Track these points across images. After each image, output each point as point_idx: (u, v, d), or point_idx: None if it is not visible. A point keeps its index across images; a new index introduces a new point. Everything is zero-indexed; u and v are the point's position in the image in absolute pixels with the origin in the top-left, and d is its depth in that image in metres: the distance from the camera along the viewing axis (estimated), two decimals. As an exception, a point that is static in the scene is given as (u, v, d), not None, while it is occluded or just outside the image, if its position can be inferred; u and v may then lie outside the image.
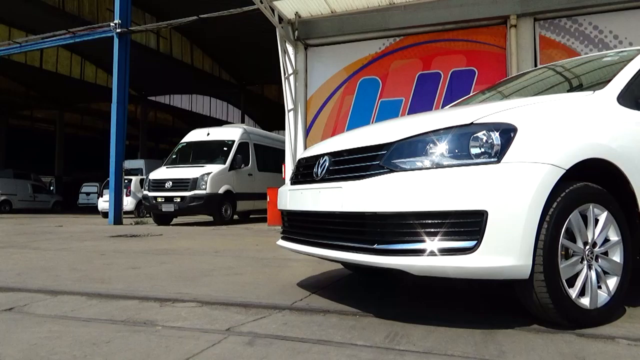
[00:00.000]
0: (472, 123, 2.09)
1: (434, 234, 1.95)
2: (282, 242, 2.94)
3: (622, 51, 3.10)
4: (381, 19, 8.85)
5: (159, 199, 10.69)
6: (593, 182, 2.15)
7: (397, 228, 2.05)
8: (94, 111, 31.84)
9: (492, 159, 1.98)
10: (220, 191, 10.86)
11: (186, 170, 11.05)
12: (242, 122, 31.82)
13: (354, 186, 2.20)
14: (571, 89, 3.03)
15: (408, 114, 8.59)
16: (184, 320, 2.28)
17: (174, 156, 12.37)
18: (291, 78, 9.39)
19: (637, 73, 2.56)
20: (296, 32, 9.32)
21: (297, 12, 9.16)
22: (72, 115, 32.66)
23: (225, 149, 11.76)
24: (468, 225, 1.92)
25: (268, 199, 9.98)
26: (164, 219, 11.13)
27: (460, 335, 1.95)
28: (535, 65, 7.73)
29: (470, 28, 8.42)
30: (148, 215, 13.19)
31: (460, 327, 2.07)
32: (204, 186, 10.53)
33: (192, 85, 29.56)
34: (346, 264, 3.36)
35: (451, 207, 1.93)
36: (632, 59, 2.68)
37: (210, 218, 11.20)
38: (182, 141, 12.77)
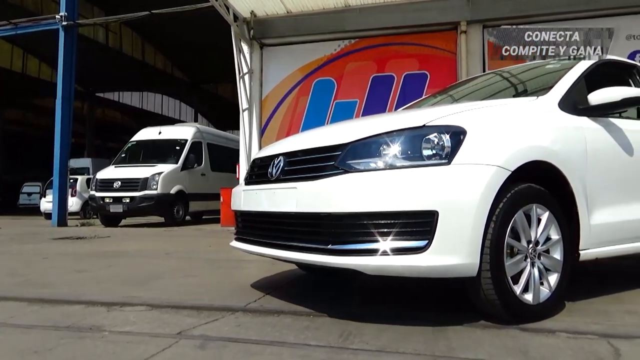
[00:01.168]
0: (424, 125, 2.14)
1: (387, 234, 1.98)
2: (235, 243, 2.90)
3: (563, 59, 3.27)
4: (337, 21, 8.91)
5: (107, 200, 10.30)
6: (536, 183, 2.25)
7: (351, 228, 2.07)
8: (38, 107, 30.23)
9: (443, 161, 2.03)
10: (172, 191, 10.59)
11: (136, 170, 10.70)
12: (196, 121, 31.16)
13: (308, 187, 2.21)
14: (517, 94, 3.17)
15: (362, 115, 8.69)
16: (133, 324, 2.21)
17: (123, 155, 11.95)
18: (246, 77, 9.29)
19: (576, 80, 2.71)
20: (251, 31, 9.22)
21: (252, 11, 9.07)
22: (14, 112, 30.90)
23: (177, 148, 11.48)
24: (419, 225, 1.96)
25: (221, 200, 9.83)
26: (112, 221, 10.73)
27: (412, 333, 1.99)
28: (484, 71, 8.02)
29: (423, 33, 8.63)
30: (95, 216, 12.67)
31: (412, 324, 2.11)
32: (155, 186, 10.24)
33: (143, 82, 28.65)
34: (300, 265, 3.36)
35: (403, 207, 1.97)
36: (572, 67, 2.83)
37: (161, 219, 10.90)
38: (132, 140, 12.36)
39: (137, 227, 10.12)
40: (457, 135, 2.08)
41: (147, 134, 12.26)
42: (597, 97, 2.61)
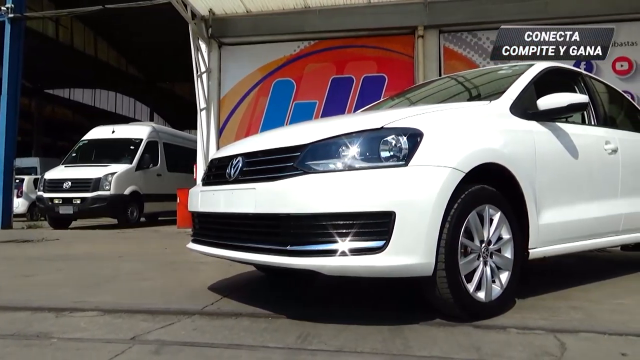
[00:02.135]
0: (382, 127, 2.18)
1: (346, 235, 2.00)
2: (192, 245, 2.84)
3: (514, 65, 3.40)
4: (297, 22, 8.92)
5: (56, 201, 9.86)
6: (489, 184, 2.33)
7: (310, 229, 2.07)
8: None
9: (400, 162, 2.07)
10: (126, 192, 10.27)
11: (88, 170, 10.30)
12: (151, 120, 30.38)
13: (268, 187, 2.19)
14: (471, 98, 3.27)
15: (322, 116, 8.74)
16: (84, 331, 2.12)
17: (74, 154, 11.48)
18: (204, 76, 9.14)
19: (526, 86, 2.82)
20: (210, 30, 9.09)
21: (211, 9, 8.95)
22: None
23: (132, 147, 11.14)
24: (377, 226, 1.99)
25: (178, 201, 9.62)
26: (61, 223, 10.27)
27: (370, 332, 2.01)
28: (440, 75, 8.24)
29: (381, 36, 8.78)
30: (43, 218, 12.11)
31: (370, 324, 2.14)
32: (107, 187, 9.89)
33: (96, 79, 27.64)
34: (259, 266, 3.33)
35: (362, 208, 1.99)
36: (522, 73, 2.95)
37: (114, 221, 10.55)
38: (83, 138, 11.88)
39: (89, 230, 9.74)
40: (414, 137, 2.13)
41: (100, 132, 11.83)
42: (545, 102, 2.73)
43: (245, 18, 9.08)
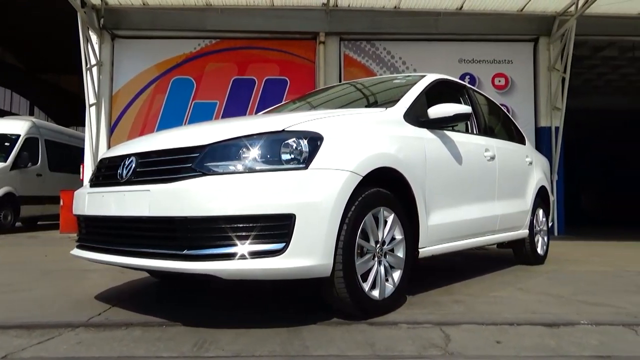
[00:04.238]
0: (283, 130, 2.18)
1: (245, 238, 1.97)
2: (77, 252, 2.62)
3: (408, 75, 3.61)
4: (198, 19, 8.66)
5: None
6: (384, 187, 2.45)
7: (208, 232, 2.01)
8: None
9: (301, 165, 2.09)
10: (-1, 194, 9.18)
11: (-49, 169, 9.06)
12: (31, 114, 27.51)
13: (163, 189, 2.09)
14: (369, 105, 3.41)
15: (222, 117, 8.57)
16: (-59, 352, 1.85)
17: None
18: (94, 70, 8.50)
19: (418, 96, 3.02)
20: (102, 20, 8.48)
21: (103, -2, 8.35)
22: None
23: (7, 144, 9.98)
24: (277, 229, 1.99)
25: (62, 203, 8.81)
26: None
27: (269, 335, 2.01)
28: (340, 81, 8.51)
29: (284, 39, 8.84)
30: None
31: (269, 327, 2.13)
32: (-24, 188, 8.77)
33: (-37, 65, 24.45)
34: (153, 272, 3.17)
35: (262, 210, 1.98)
36: (415, 84, 3.15)
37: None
38: (-54, 133, 10.42)
39: (-49, 236, 8.56)
40: (315, 140, 2.17)
41: (-32, 127, 10.46)
42: (435, 111, 2.94)
43: (142, 11, 8.60)
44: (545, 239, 4.61)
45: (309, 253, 2.02)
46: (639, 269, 4.27)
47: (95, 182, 2.63)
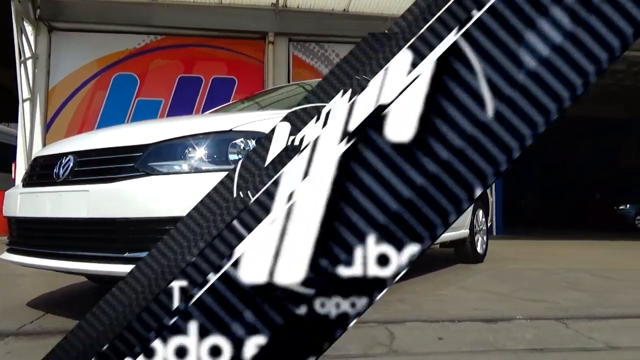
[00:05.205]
0: (231, 130, 2.15)
1: (191, 239, 1.93)
2: (7, 256, 2.46)
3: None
4: (142, 13, 8.37)
5: None
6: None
7: (152, 234, 1.95)
8: None
9: (249, 166, 2.07)
10: None
11: None
12: (-43, 108, 25.60)
13: (103, 189, 2.01)
14: (317, 106, 3.43)
15: (168, 116, 8.34)
16: None
17: None
18: (29, 63, 8.02)
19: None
20: (38, 11, 8.02)
21: (39, -13, 7.90)
22: None
23: None
24: (224, 229, 1.96)
25: (-9, 204, 8.26)
26: None
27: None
28: (289, 81, 8.50)
29: (233, 38, 8.72)
30: None
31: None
32: None
33: None
34: (91, 277, 3.04)
35: (208, 211, 1.94)
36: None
37: None
38: None
39: None
40: (262, 141, 2.15)
41: None
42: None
43: (82, 3, 8.20)
44: (485, 238, 4.82)
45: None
46: (572, 266, 4.55)
47: (29, 181, 2.48)
